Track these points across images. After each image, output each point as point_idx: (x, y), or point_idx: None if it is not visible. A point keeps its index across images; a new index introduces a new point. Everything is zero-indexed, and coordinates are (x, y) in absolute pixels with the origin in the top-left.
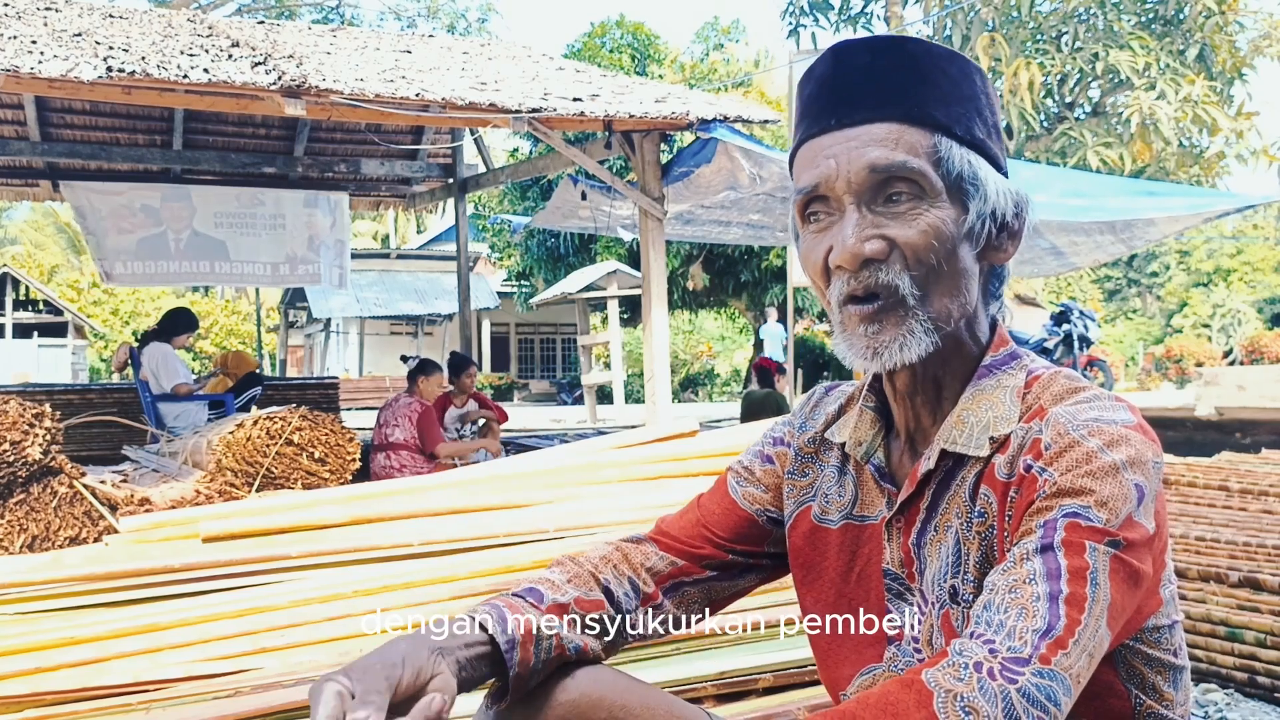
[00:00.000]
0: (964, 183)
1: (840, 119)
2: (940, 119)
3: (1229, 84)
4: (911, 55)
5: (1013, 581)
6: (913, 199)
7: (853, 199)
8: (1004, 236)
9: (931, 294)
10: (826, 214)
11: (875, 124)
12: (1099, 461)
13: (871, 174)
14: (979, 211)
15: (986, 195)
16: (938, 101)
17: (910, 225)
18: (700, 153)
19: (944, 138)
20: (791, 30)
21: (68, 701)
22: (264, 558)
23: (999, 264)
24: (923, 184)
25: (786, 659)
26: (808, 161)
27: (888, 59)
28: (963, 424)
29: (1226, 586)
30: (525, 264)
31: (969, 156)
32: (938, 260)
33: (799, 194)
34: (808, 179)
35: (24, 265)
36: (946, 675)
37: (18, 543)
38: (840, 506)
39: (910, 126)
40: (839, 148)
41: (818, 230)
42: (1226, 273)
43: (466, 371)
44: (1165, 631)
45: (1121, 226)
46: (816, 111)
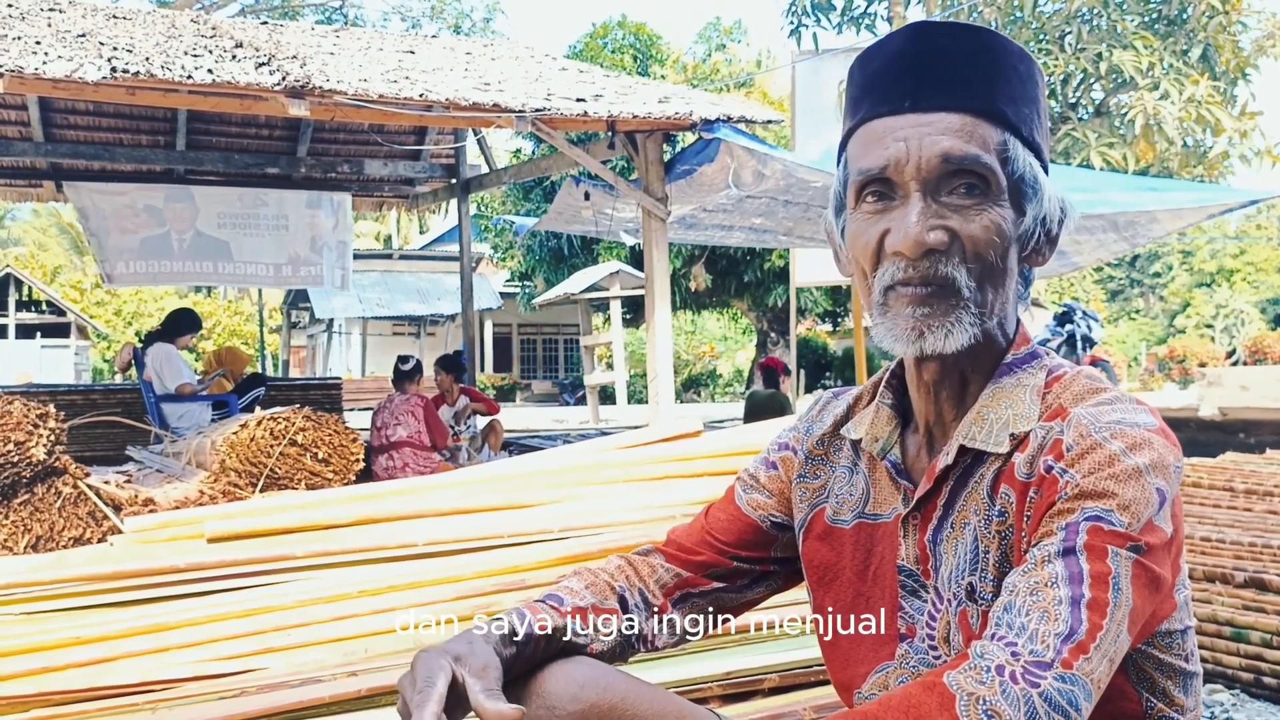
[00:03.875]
0: (1024, 185)
1: (916, 101)
2: (1011, 118)
3: (1233, 84)
4: (989, 47)
5: (1034, 584)
6: (977, 194)
7: (919, 186)
8: (1045, 242)
9: (984, 290)
10: (887, 196)
11: (952, 113)
12: (1122, 465)
13: (944, 164)
14: (1035, 216)
15: (1042, 200)
16: (1009, 99)
17: (973, 220)
18: (703, 152)
19: (1012, 137)
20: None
21: (74, 701)
22: (269, 558)
23: (1034, 266)
24: (990, 180)
25: (793, 659)
26: (872, 141)
27: (968, 45)
28: (982, 420)
29: (1232, 587)
30: (528, 264)
31: (1030, 159)
32: (995, 258)
33: (861, 174)
34: (874, 159)
35: (27, 266)
36: (969, 678)
37: (22, 543)
38: (852, 505)
39: (984, 121)
40: (911, 130)
41: (873, 212)
42: (1229, 273)
43: (448, 375)
44: (1178, 636)
45: (1124, 224)
46: (886, 89)
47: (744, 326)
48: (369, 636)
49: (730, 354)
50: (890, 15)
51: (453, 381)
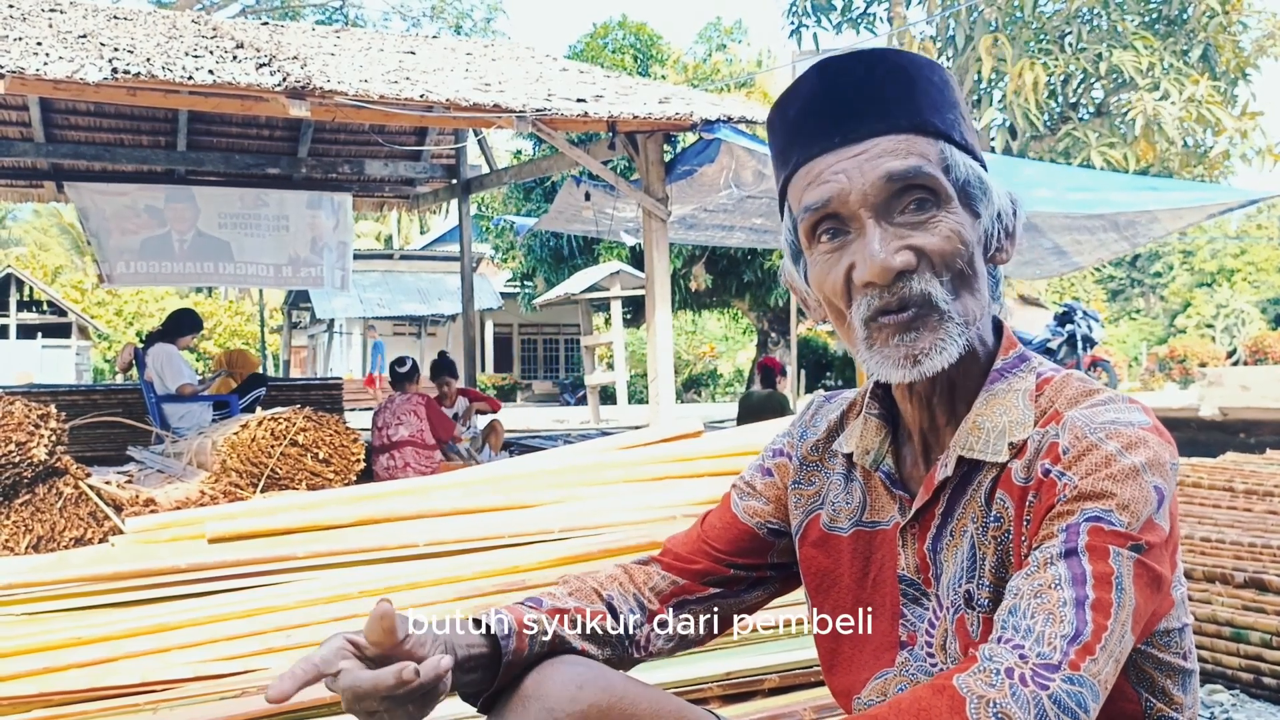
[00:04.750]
0: (971, 188)
1: (844, 135)
2: (940, 126)
3: (1233, 84)
4: (900, 65)
5: (1038, 586)
6: (930, 207)
7: (870, 213)
8: (1005, 239)
9: (961, 298)
10: (841, 232)
11: (883, 137)
12: (1119, 465)
13: (888, 183)
14: (989, 215)
15: (992, 199)
16: (933, 109)
17: (933, 233)
18: (704, 152)
19: (947, 144)
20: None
21: (75, 702)
22: (270, 558)
23: (999, 265)
24: (938, 190)
25: (793, 659)
26: (813, 180)
27: (880, 70)
28: (979, 430)
29: (1232, 587)
30: (528, 265)
31: (968, 161)
32: (964, 264)
33: (806, 212)
34: (816, 196)
35: (28, 266)
36: (978, 681)
37: (23, 543)
38: (849, 514)
39: (916, 136)
40: (848, 163)
41: (831, 250)
42: (1230, 273)
43: (442, 379)
44: (1176, 635)
45: (1125, 224)
46: (811, 131)
47: (744, 326)
48: None
49: (731, 354)
50: (890, 15)
51: (452, 383)
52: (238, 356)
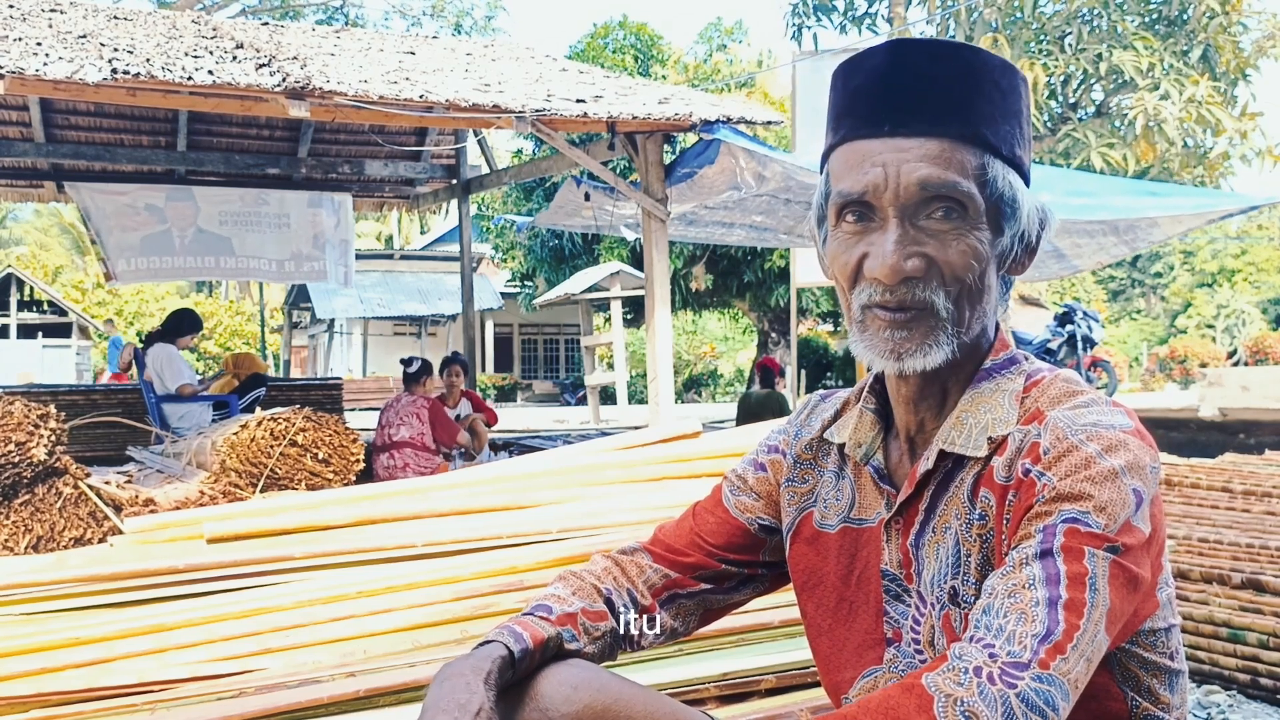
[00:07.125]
0: (1003, 205)
1: (895, 126)
2: (990, 139)
3: (1233, 85)
4: (969, 66)
5: (1012, 586)
6: (955, 219)
7: (896, 212)
8: (1024, 254)
9: (962, 309)
10: (865, 218)
11: (930, 139)
12: (1098, 467)
13: (921, 190)
14: (1013, 234)
15: (1020, 218)
16: (989, 119)
17: (950, 246)
18: (704, 154)
19: (992, 158)
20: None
21: (73, 702)
22: (269, 558)
23: (1014, 275)
24: (968, 205)
25: (789, 660)
26: (852, 163)
27: (947, 68)
28: (961, 425)
29: (1229, 588)
30: (529, 265)
31: (1010, 177)
32: (973, 280)
33: (840, 196)
34: (852, 184)
35: (29, 266)
36: (947, 680)
37: (23, 543)
38: (838, 510)
39: (962, 145)
40: (890, 156)
41: (853, 233)
42: (1231, 273)
43: (451, 369)
44: (1162, 635)
45: (1125, 228)
46: (866, 111)
47: (745, 326)
48: (368, 637)
49: (731, 354)
50: (890, 15)
51: (459, 377)
52: (245, 360)
